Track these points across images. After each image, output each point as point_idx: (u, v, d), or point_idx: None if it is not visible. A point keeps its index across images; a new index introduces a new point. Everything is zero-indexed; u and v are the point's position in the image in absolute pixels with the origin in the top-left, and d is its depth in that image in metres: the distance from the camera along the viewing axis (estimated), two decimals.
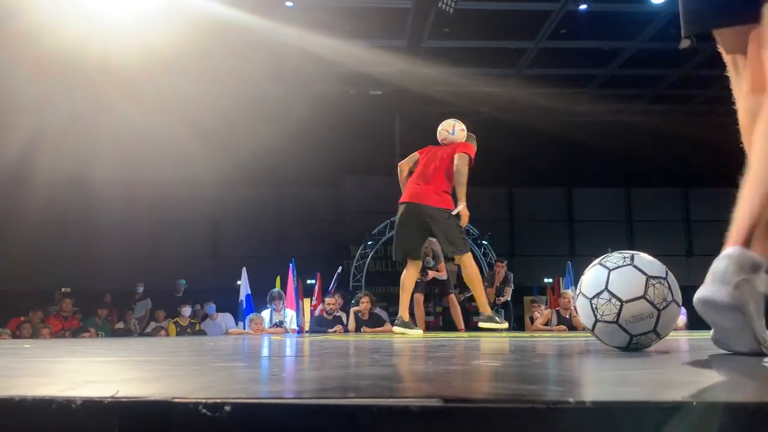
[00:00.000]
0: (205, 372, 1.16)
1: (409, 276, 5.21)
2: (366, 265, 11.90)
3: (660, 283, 1.73)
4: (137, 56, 8.72)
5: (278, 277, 8.87)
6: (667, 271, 1.78)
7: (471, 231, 11.20)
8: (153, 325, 8.99)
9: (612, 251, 1.86)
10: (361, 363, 1.36)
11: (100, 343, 3.85)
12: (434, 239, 7.25)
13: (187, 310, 8.74)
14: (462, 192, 4.90)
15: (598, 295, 1.76)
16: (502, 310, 8.87)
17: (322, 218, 13.14)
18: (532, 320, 8.57)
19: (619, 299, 1.72)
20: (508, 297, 8.52)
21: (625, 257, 1.80)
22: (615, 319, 1.73)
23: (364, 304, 7.27)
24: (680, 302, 1.79)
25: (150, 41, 8.48)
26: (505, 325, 5.19)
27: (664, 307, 1.72)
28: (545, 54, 10.99)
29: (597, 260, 1.86)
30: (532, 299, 10.87)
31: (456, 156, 4.99)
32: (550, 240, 13.51)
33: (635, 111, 13.90)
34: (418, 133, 12.98)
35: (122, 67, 8.84)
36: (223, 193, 12.91)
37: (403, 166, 5.32)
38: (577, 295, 1.85)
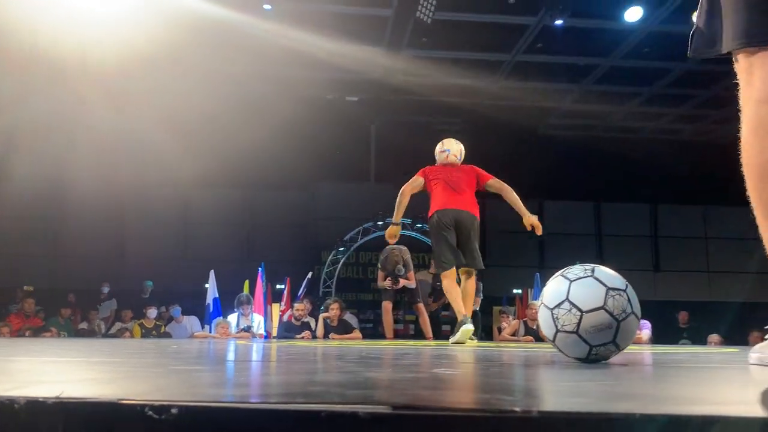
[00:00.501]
0: (161, 374, 1.15)
1: (454, 282, 5.11)
2: (337, 272, 11.86)
3: (619, 294, 1.76)
4: (116, 54, 8.60)
5: (246, 281, 8.79)
6: (626, 284, 1.81)
7: None
8: (118, 326, 8.85)
9: (579, 264, 1.90)
10: (321, 369, 1.36)
11: (61, 343, 3.77)
12: (404, 247, 7.28)
13: (152, 312, 8.62)
14: (521, 204, 5.26)
15: (559, 305, 1.79)
16: (471, 320, 8.91)
17: (293, 223, 13.07)
18: (500, 330, 8.63)
19: (579, 309, 1.75)
20: (477, 306, 8.56)
21: (586, 269, 1.83)
22: (575, 329, 1.75)
23: (334, 310, 7.24)
24: (639, 315, 1.83)
25: (129, 39, 8.38)
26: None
27: (623, 319, 1.75)
28: (522, 67, 11.13)
29: (559, 272, 1.88)
30: (500, 310, 10.96)
31: (493, 181, 5.25)
32: (521, 251, 13.61)
33: (607, 127, 14.13)
34: (393, 141, 13.07)
35: (101, 65, 8.71)
36: (194, 193, 12.77)
37: (407, 190, 5.22)
38: (540, 306, 1.88)
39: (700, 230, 14.26)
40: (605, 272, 1.83)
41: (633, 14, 9.03)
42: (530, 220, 5.19)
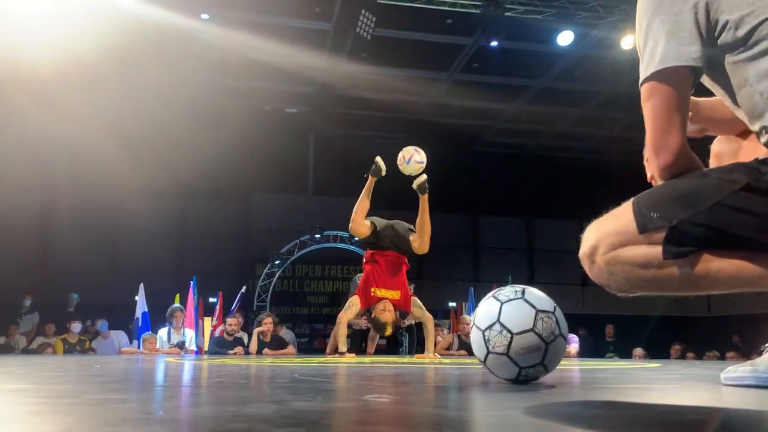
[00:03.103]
0: (75, 408, 1.08)
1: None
2: (272, 285, 11.68)
3: (548, 317, 1.80)
4: (52, 58, 8.25)
5: (177, 295, 8.53)
6: (555, 306, 1.85)
7: None
8: (40, 341, 8.42)
9: (512, 278, 1.94)
10: (249, 398, 1.32)
11: None
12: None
13: (77, 327, 8.24)
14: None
15: (490, 327, 1.81)
16: (407, 333, 8.95)
17: (227, 235, 12.79)
18: (435, 344, 8.67)
19: (509, 331, 1.78)
20: (412, 321, 8.59)
21: (516, 291, 1.86)
22: (505, 351, 1.78)
23: (267, 325, 7.10)
24: (567, 336, 1.87)
25: (67, 44, 8.05)
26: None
27: (552, 341, 1.79)
28: (458, 85, 11.34)
29: (491, 293, 1.91)
30: (435, 323, 11.03)
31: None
32: (455, 265, 13.81)
33: (538, 146, 14.57)
34: (331, 154, 13.05)
35: (33, 69, 8.32)
36: (125, 202, 12.32)
37: (345, 319, 5.47)
38: (472, 327, 1.89)
39: None
40: (535, 294, 1.87)
41: (564, 38, 9.35)
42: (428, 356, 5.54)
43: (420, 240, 5.47)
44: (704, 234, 1.21)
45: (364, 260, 5.74)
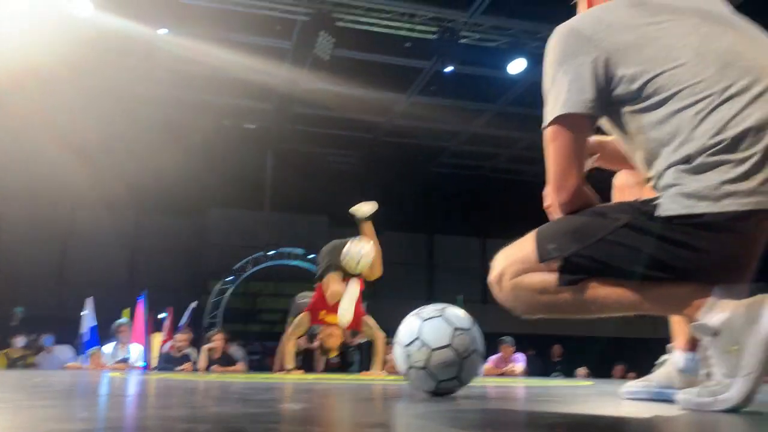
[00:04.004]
0: (4, 411, 1.17)
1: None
2: (224, 302, 11.61)
3: (465, 333, 1.95)
4: (3, 65, 8.14)
5: (127, 310, 8.43)
6: (472, 324, 2.00)
7: None
8: None
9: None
10: (171, 404, 1.41)
11: None
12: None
13: (20, 341, 8.07)
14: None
15: (411, 342, 1.95)
16: (358, 351, 9.01)
17: (181, 249, 12.67)
18: (385, 362, 8.75)
19: (428, 347, 1.92)
20: (363, 339, 8.66)
21: (437, 309, 2.01)
22: (425, 365, 1.92)
23: (217, 341, 7.10)
24: (483, 353, 2.02)
25: (19, 50, 7.97)
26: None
27: (467, 356, 1.93)
28: (415, 107, 11.58)
29: (414, 311, 2.05)
30: (387, 341, 11.12)
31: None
32: (410, 283, 13.96)
33: (493, 168, 14.92)
34: (289, 170, 13.10)
35: None
36: (75, 213, 12.11)
37: (292, 336, 5.53)
38: (395, 343, 2.03)
39: None
40: (454, 312, 2.02)
41: (516, 66, 9.66)
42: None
43: (371, 268, 5.55)
44: (592, 265, 1.38)
45: (316, 277, 5.76)
